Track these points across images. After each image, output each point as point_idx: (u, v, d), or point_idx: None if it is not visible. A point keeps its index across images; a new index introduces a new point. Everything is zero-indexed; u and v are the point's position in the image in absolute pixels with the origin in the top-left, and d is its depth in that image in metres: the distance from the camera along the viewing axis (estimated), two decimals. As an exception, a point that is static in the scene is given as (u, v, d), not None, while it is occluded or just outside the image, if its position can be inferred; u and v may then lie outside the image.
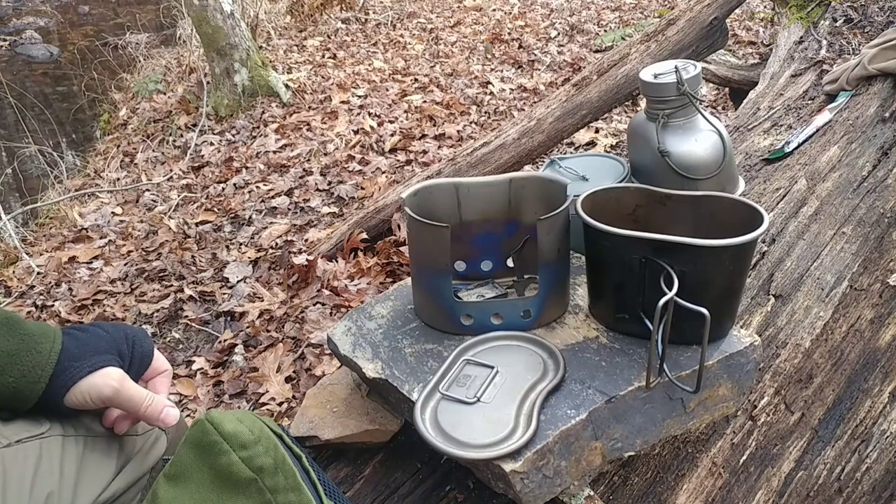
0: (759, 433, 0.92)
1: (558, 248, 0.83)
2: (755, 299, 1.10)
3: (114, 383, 0.64)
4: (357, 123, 3.39)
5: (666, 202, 0.85)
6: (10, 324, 0.62)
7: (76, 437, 0.66)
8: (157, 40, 5.31)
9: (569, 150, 3.01)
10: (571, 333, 0.85)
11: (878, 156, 1.44)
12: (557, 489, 0.72)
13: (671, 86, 0.96)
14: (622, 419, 0.75)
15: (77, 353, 0.64)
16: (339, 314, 2.03)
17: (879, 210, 1.29)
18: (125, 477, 0.69)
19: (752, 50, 3.74)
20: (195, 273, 2.36)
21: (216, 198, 2.91)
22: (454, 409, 0.73)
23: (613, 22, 4.72)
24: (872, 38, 2.00)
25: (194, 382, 1.87)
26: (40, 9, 6.81)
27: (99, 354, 0.65)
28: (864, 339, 1.06)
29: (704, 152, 0.98)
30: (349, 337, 0.89)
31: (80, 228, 2.76)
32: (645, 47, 2.35)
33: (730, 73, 2.89)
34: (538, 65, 4.08)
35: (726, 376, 0.80)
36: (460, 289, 0.96)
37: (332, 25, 5.03)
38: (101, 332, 0.67)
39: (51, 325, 0.66)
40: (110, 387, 0.63)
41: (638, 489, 0.84)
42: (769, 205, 1.32)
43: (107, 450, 0.69)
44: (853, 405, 0.98)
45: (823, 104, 1.73)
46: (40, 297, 2.30)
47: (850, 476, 0.91)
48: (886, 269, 1.18)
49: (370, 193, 2.73)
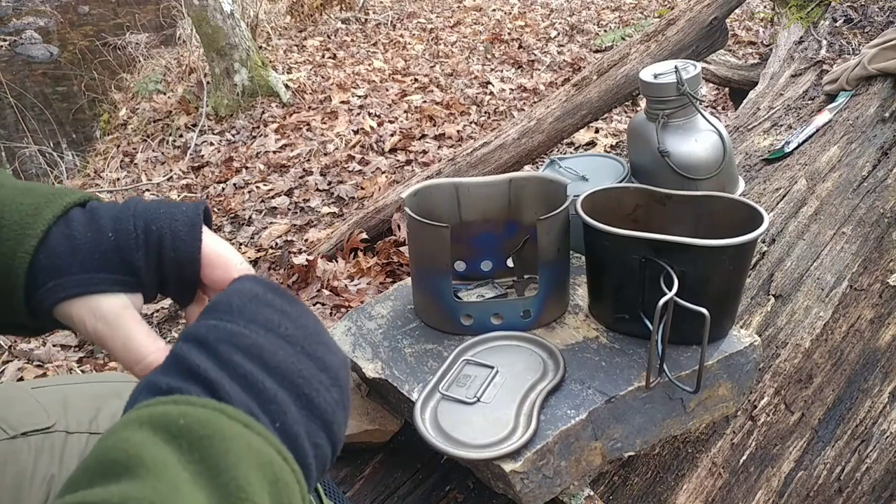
0: (759, 433, 0.92)
1: (558, 248, 0.83)
2: (755, 299, 1.10)
3: (95, 323, 0.43)
4: (357, 123, 3.39)
5: (666, 202, 0.85)
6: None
7: (79, 433, 0.66)
8: (157, 40, 5.31)
9: (569, 150, 3.01)
10: (571, 333, 0.85)
11: (878, 156, 1.44)
12: (557, 489, 0.72)
13: (671, 86, 0.96)
14: (622, 419, 0.75)
15: (61, 262, 0.43)
16: (339, 314, 2.03)
17: (879, 210, 1.29)
18: None
19: (752, 50, 3.73)
20: (195, 273, 2.36)
21: (216, 198, 2.91)
22: (454, 409, 0.73)
23: (613, 22, 4.72)
24: (872, 38, 2.00)
25: (194, 382, 1.87)
26: (40, 9, 6.81)
27: (90, 271, 0.43)
28: (864, 339, 1.06)
29: (704, 152, 0.98)
30: (349, 337, 0.89)
31: (80, 228, 2.75)
32: (645, 47, 2.35)
33: (730, 73, 2.89)
34: (538, 65, 4.08)
35: (726, 376, 0.80)
36: (460, 289, 0.96)
37: (332, 25, 5.03)
38: (107, 229, 0.44)
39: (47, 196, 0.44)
40: (90, 326, 0.43)
41: (638, 489, 0.83)
42: (769, 205, 1.32)
43: None
44: (853, 405, 0.98)
45: (823, 104, 1.73)
46: (40, 297, 2.30)
47: (850, 476, 0.91)
48: (886, 269, 1.18)
49: (370, 193, 2.73)
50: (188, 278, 0.46)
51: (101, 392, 0.75)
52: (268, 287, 0.42)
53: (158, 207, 0.46)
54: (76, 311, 0.43)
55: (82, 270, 0.43)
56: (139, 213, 0.45)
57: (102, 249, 0.44)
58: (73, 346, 2.05)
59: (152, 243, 0.45)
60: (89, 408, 0.70)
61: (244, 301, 0.40)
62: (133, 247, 0.44)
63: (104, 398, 0.74)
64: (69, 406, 0.70)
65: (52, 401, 0.69)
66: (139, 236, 0.44)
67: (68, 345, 2.04)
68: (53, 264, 0.43)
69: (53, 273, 0.43)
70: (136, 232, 0.44)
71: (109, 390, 0.75)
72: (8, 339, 2.06)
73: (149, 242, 0.45)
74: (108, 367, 1.93)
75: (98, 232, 0.44)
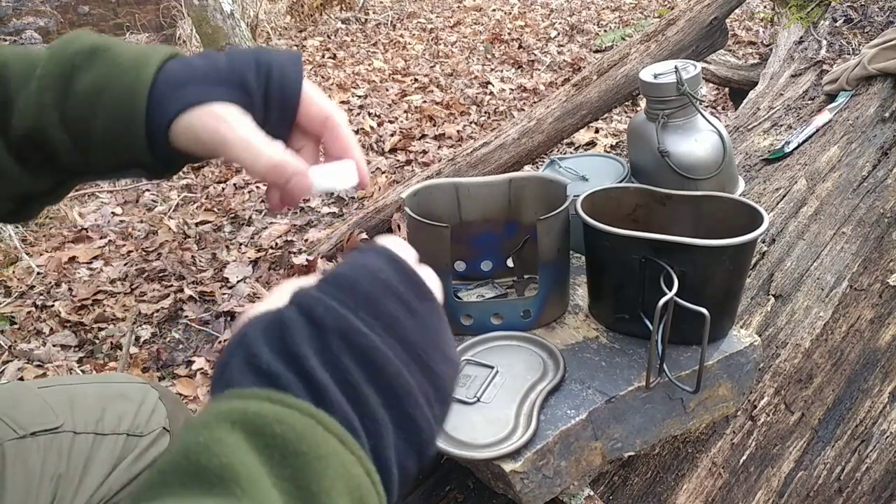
0: (759, 433, 0.92)
1: (558, 248, 0.83)
2: (755, 299, 1.10)
3: (217, 124, 0.45)
4: (357, 123, 3.39)
5: (666, 202, 0.85)
6: (95, 52, 0.46)
7: (86, 434, 0.67)
8: (157, 40, 5.30)
9: (569, 150, 3.01)
10: (571, 333, 0.85)
11: (878, 156, 1.44)
12: (557, 489, 0.72)
13: (671, 86, 0.96)
14: (622, 419, 0.75)
15: (182, 79, 0.46)
16: (339, 314, 2.03)
17: (879, 210, 1.29)
18: (123, 472, 0.70)
19: (752, 50, 3.73)
20: (195, 273, 2.36)
21: (216, 198, 2.91)
22: (454, 409, 0.73)
23: (613, 22, 4.72)
24: (872, 38, 2.00)
25: (194, 382, 1.87)
26: (40, 9, 6.81)
27: (209, 85, 0.46)
28: (863, 339, 1.06)
29: (704, 152, 0.98)
30: (349, 337, 0.89)
31: (80, 228, 2.75)
32: (645, 47, 2.35)
33: (730, 73, 2.89)
34: (538, 65, 4.08)
35: (726, 376, 0.80)
36: (460, 289, 0.96)
37: (331, 25, 5.03)
38: (221, 58, 0.48)
39: (157, 48, 0.48)
40: (211, 127, 0.45)
41: (638, 489, 0.83)
42: (769, 205, 1.32)
43: (113, 446, 0.69)
44: (853, 405, 0.98)
45: (823, 104, 1.73)
46: (40, 297, 2.30)
47: (850, 476, 0.91)
48: (886, 269, 1.18)
49: (370, 193, 2.73)
50: (289, 110, 0.48)
51: (106, 392, 0.75)
52: (399, 272, 0.38)
53: (262, 48, 0.50)
54: (197, 117, 0.45)
55: (204, 83, 0.46)
56: (247, 49, 0.50)
57: (219, 69, 0.47)
58: (73, 346, 2.05)
59: (262, 70, 0.47)
60: (95, 408, 0.71)
61: (373, 288, 0.36)
62: (247, 69, 0.47)
63: (109, 399, 0.74)
64: (76, 406, 0.70)
65: (60, 401, 0.69)
66: (251, 62, 0.48)
67: (68, 345, 2.04)
68: (174, 82, 0.46)
69: (174, 88, 0.46)
70: (248, 59, 0.48)
71: (114, 391, 0.76)
72: (8, 338, 2.06)
73: (259, 69, 0.47)
74: (107, 367, 1.93)
75: (213, 60, 0.48)
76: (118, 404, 0.74)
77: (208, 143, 0.46)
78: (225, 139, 0.45)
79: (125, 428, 0.72)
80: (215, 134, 0.45)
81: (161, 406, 0.77)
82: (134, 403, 0.75)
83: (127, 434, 0.72)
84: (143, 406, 0.76)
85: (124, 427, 0.72)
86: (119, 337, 2.06)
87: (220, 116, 0.45)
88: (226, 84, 0.47)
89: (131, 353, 1.98)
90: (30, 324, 2.15)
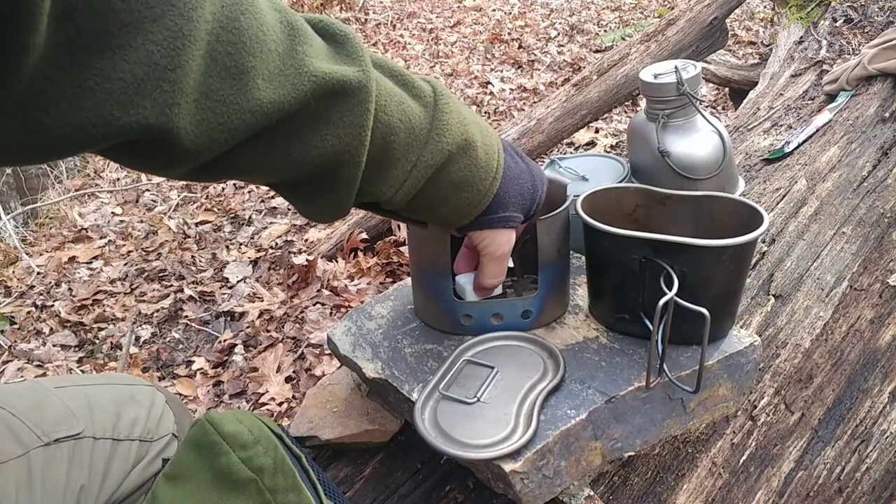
0: (759, 433, 0.92)
1: (558, 248, 0.83)
2: (755, 299, 1.10)
3: (499, 245, 0.62)
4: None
5: (666, 202, 0.85)
6: (466, 148, 0.56)
7: (104, 439, 0.67)
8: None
9: (569, 150, 3.01)
10: (571, 333, 0.85)
11: (878, 156, 1.44)
12: (557, 489, 0.72)
13: (671, 86, 0.96)
14: (622, 419, 0.75)
15: (503, 200, 0.60)
16: (338, 314, 2.03)
17: (879, 210, 1.29)
18: (135, 478, 0.70)
19: (752, 50, 3.74)
20: (195, 273, 2.36)
21: (216, 198, 2.91)
22: (454, 409, 0.73)
23: (613, 22, 4.72)
24: (872, 38, 2.00)
25: (194, 382, 1.87)
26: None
27: (514, 210, 0.61)
28: (864, 339, 1.06)
29: (704, 152, 0.98)
30: (349, 337, 0.89)
31: (80, 228, 2.76)
32: (645, 47, 2.35)
33: (730, 73, 2.89)
34: (538, 65, 4.09)
35: (726, 376, 0.80)
36: (460, 289, 0.96)
37: (332, 25, 5.02)
38: (525, 183, 0.62)
39: (491, 138, 0.59)
40: (492, 242, 0.62)
41: (638, 489, 0.83)
42: (769, 205, 1.32)
43: (127, 452, 0.69)
44: (853, 405, 0.98)
45: (823, 104, 1.73)
46: (40, 297, 2.30)
47: (850, 476, 0.91)
48: (886, 269, 1.18)
49: (370, 193, 2.73)
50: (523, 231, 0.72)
51: (119, 396, 0.75)
52: None
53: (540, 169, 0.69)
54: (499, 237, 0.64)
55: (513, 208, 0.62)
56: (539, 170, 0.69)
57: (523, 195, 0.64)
58: (73, 345, 2.05)
59: (537, 201, 0.70)
60: (111, 412, 0.71)
61: None
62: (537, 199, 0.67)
63: (123, 402, 0.74)
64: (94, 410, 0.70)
65: (79, 404, 0.69)
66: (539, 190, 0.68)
67: (68, 345, 2.05)
68: (501, 202, 0.61)
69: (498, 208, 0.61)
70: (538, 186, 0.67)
71: (125, 394, 0.75)
72: (8, 338, 2.06)
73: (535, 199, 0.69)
74: (107, 367, 1.93)
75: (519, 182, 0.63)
76: (130, 408, 0.73)
77: (479, 246, 0.62)
78: (492, 254, 0.62)
79: (138, 433, 0.72)
80: (490, 246, 0.62)
81: (168, 411, 0.77)
82: (144, 407, 0.75)
83: (140, 440, 0.72)
84: (153, 410, 0.75)
85: (137, 432, 0.72)
86: (119, 337, 2.06)
87: (505, 242, 0.61)
88: (522, 212, 0.62)
89: (131, 353, 1.98)
90: (30, 324, 2.15)
